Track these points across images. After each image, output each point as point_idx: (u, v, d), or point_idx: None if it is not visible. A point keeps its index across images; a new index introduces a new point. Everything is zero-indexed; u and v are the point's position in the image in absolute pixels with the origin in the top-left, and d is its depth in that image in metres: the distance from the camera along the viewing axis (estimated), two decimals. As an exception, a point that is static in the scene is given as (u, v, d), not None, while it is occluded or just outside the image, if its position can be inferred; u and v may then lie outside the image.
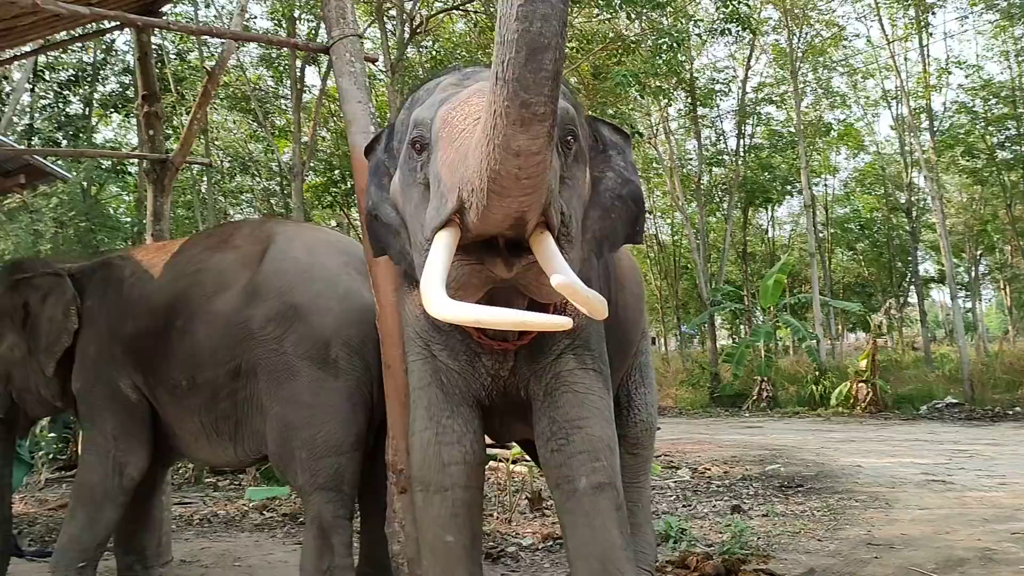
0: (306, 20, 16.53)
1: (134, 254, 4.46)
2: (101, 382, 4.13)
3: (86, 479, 4.14)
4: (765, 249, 30.46)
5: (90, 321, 4.24)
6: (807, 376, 18.80)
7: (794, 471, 8.96)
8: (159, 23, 5.11)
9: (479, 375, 2.93)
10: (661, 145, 24.30)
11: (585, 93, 18.48)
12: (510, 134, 1.89)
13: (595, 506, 2.74)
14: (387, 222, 2.75)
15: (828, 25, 23.04)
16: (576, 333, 2.81)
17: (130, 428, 4.11)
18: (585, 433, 2.79)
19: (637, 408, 3.88)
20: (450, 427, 2.93)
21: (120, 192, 22.51)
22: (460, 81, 2.50)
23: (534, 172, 1.98)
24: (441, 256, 2.15)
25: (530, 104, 1.85)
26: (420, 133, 2.41)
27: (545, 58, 1.82)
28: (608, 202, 2.70)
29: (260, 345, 3.74)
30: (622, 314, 3.39)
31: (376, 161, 2.86)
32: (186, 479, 9.27)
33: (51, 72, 18.48)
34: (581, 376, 2.83)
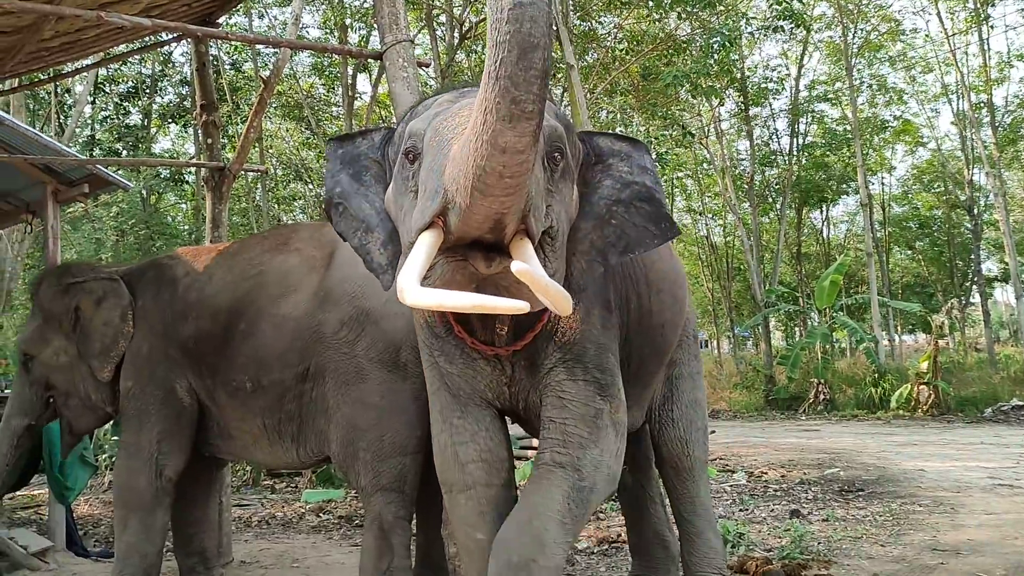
0: (357, 28, 16.71)
1: (184, 255, 4.48)
2: (155, 382, 4.15)
3: (133, 484, 4.13)
4: (820, 249, 29.95)
5: (143, 320, 4.25)
6: (865, 378, 18.40)
7: (854, 475, 8.78)
8: (218, 34, 5.21)
9: (481, 377, 2.97)
10: (712, 146, 24.04)
11: (634, 94, 18.40)
12: (498, 130, 1.96)
13: (549, 473, 2.81)
14: (356, 215, 2.78)
15: (884, 20, 22.60)
16: (567, 348, 2.86)
17: (174, 433, 4.14)
18: (560, 427, 2.85)
19: (665, 424, 3.85)
20: (462, 427, 2.98)
21: (178, 200, 23.03)
22: (456, 98, 2.54)
23: (517, 171, 2.04)
24: (421, 252, 2.21)
25: (519, 101, 1.93)
26: (413, 143, 2.47)
27: (535, 57, 1.91)
28: (603, 210, 2.71)
29: (331, 349, 3.79)
30: (656, 318, 3.38)
31: (354, 152, 2.86)
32: (244, 481, 9.41)
33: (111, 84, 19.01)
34: (569, 387, 2.86)
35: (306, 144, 22.06)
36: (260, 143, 18.71)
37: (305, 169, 22.43)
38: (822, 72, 25.13)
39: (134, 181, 15.12)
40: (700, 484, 3.89)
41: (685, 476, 3.84)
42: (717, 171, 24.34)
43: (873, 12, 22.34)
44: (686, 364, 3.94)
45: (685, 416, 3.86)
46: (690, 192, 29.09)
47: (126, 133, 19.29)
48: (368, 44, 16.45)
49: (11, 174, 7.24)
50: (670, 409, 3.86)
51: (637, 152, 2.81)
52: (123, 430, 4.28)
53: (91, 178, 6.93)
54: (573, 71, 13.02)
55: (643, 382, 3.51)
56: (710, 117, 23.25)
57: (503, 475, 3.00)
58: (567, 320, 2.84)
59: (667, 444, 3.84)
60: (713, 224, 30.26)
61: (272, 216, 21.55)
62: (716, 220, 30.10)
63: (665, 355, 3.64)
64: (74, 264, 5.24)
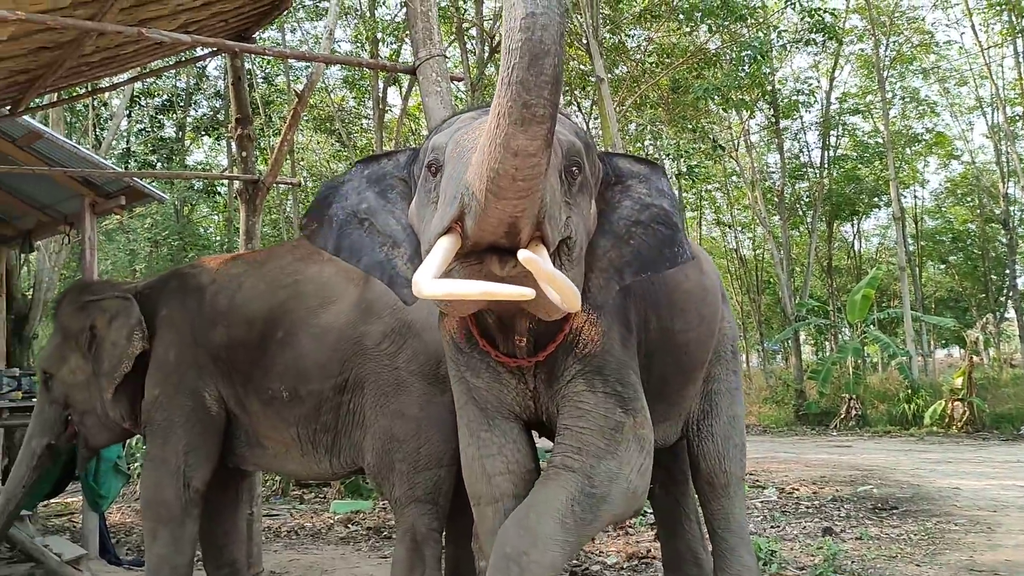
0: (388, 42, 16.85)
1: (207, 264, 4.47)
2: (183, 392, 4.12)
3: (161, 497, 4.12)
4: (851, 263, 29.63)
5: (169, 329, 4.22)
6: (898, 394, 18.12)
7: (888, 493, 8.65)
8: (254, 49, 5.28)
9: (507, 390, 3.00)
10: (742, 158, 23.92)
11: (664, 107, 18.37)
12: (511, 133, 2.03)
13: (556, 475, 2.83)
14: (383, 231, 2.82)
15: (917, 32, 22.40)
16: (587, 360, 2.89)
17: (200, 444, 4.12)
18: (576, 435, 2.86)
19: (703, 439, 3.85)
20: (489, 440, 3.02)
21: (210, 212, 23.28)
22: (478, 115, 2.59)
23: (530, 174, 2.10)
24: (438, 254, 2.26)
25: (531, 105, 2.00)
26: (435, 156, 2.53)
27: (546, 63, 1.98)
28: (622, 229, 2.76)
29: (373, 360, 3.80)
30: (680, 337, 3.41)
31: (381, 171, 2.92)
32: (273, 491, 9.47)
33: (147, 97, 19.27)
34: (587, 397, 2.88)
35: (336, 156, 22.24)
36: (292, 155, 18.90)
37: (335, 181, 22.60)
38: (853, 85, 24.95)
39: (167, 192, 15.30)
40: (735, 501, 3.87)
41: (720, 492, 3.84)
42: (747, 184, 24.20)
43: (906, 25, 22.16)
44: (724, 380, 3.93)
45: (723, 431, 3.85)
46: (719, 205, 28.92)
47: (160, 145, 19.55)
48: (399, 57, 16.57)
49: (50, 187, 7.38)
50: (708, 424, 3.85)
51: (655, 175, 2.87)
52: (149, 441, 4.26)
53: (128, 190, 7.05)
54: (603, 84, 13.03)
55: (668, 399, 3.51)
56: (740, 130, 23.14)
57: (530, 487, 3.00)
58: (587, 332, 2.87)
59: (704, 459, 3.83)
60: (742, 237, 30.06)
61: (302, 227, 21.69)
62: (745, 233, 29.90)
63: (692, 372, 3.64)
64: (94, 281, 5.28)
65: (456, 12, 14.19)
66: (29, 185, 7.56)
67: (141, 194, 7.18)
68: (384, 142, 17.07)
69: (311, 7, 18.50)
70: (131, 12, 4.70)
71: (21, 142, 6.75)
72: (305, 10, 18.48)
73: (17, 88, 5.66)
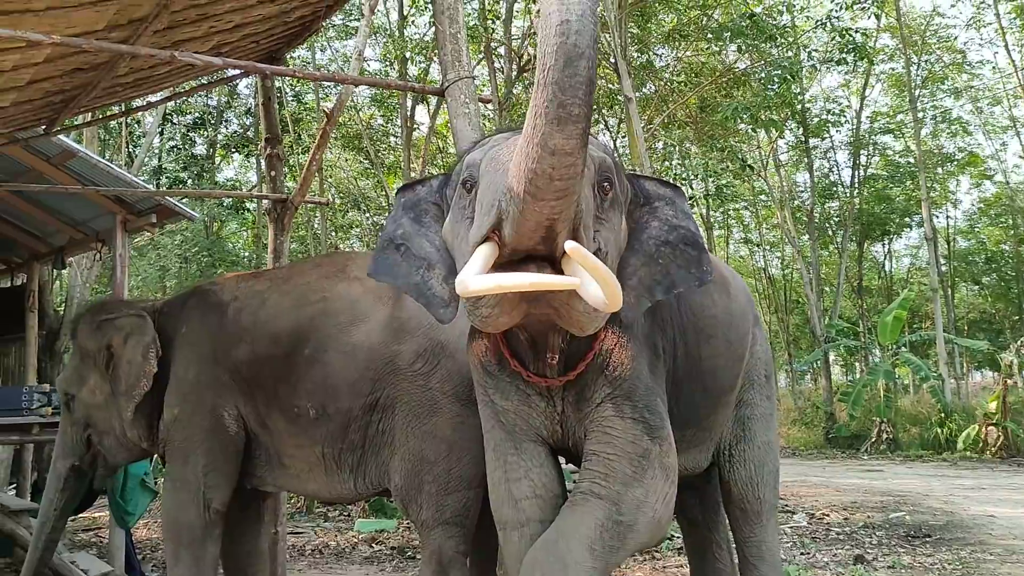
0: (417, 61, 16.96)
1: (227, 281, 4.45)
2: (202, 410, 4.08)
3: (182, 519, 4.09)
4: (882, 283, 29.30)
5: (188, 346, 4.19)
6: (931, 418, 17.84)
7: (920, 519, 8.49)
8: (286, 71, 5.32)
9: (535, 413, 3.00)
10: (771, 177, 23.78)
11: (692, 126, 18.32)
12: (548, 132, 2.09)
13: (584, 501, 2.82)
14: (417, 254, 2.89)
15: (949, 51, 22.20)
16: (617, 383, 2.89)
17: (220, 465, 4.09)
18: (604, 461, 2.86)
19: (736, 464, 3.81)
20: (516, 463, 3.02)
21: (239, 228, 23.49)
22: (510, 136, 2.64)
23: (566, 174, 2.15)
24: (478, 259, 2.32)
25: (566, 104, 2.06)
26: (470, 173, 2.60)
27: (580, 65, 2.06)
28: (652, 249, 2.82)
29: (406, 380, 3.76)
30: (706, 364, 3.40)
31: (415, 198, 3.01)
32: (297, 509, 9.47)
33: (178, 115, 19.53)
34: (616, 423, 2.88)
35: (364, 174, 22.39)
36: (320, 173, 19.04)
37: (363, 198, 22.74)
38: (884, 104, 24.74)
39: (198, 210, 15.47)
40: (768, 528, 3.83)
41: (753, 519, 3.79)
42: (776, 203, 24.04)
43: (937, 44, 21.97)
44: (758, 404, 3.90)
45: (756, 457, 3.82)
46: (747, 224, 28.75)
47: (191, 162, 19.78)
48: (428, 76, 16.67)
49: (83, 204, 7.49)
50: (741, 450, 3.82)
51: (679, 198, 2.96)
52: (169, 461, 4.23)
53: (159, 208, 7.13)
54: (631, 103, 13.01)
55: (697, 425, 3.49)
56: (769, 149, 23.01)
57: (557, 511, 2.98)
58: (618, 354, 2.88)
59: (736, 484, 3.80)
60: (770, 256, 29.84)
61: (330, 244, 21.86)
62: (774, 252, 29.69)
63: (720, 397, 3.61)
64: (110, 300, 5.29)
65: (484, 32, 14.25)
66: (62, 203, 7.67)
67: (172, 212, 7.26)
68: (412, 160, 17.14)
69: (341, 26, 18.69)
70: (164, 34, 4.75)
71: (55, 160, 6.85)
72: (335, 29, 18.66)
73: (52, 108, 5.74)
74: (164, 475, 4.44)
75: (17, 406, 6.73)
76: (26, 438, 6.78)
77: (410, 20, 17.28)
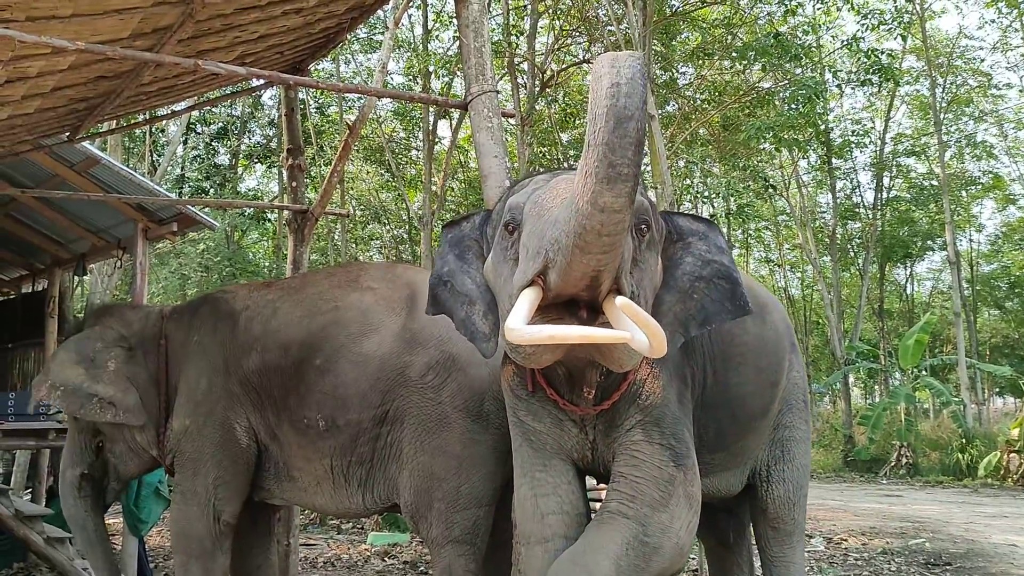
0: (440, 75, 17.02)
1: (238, 290, 4.44)
2: (213, 422, 4.05)
3: (193, 531, 4.07)
4: (903, 306, 29.03)
5: (199, 356, 4.17)
6: (952, 443, 17.58)
7: (940, 547, 8.33)
8: (308, 82, 5.33)
9: (568, 437, 3.07)
10: (792, 197, 23.64)
11: (715, 145, 18.25)
12: (598, 191, 2.17)
13: (612, 520, 2.87)
14: (460, 291, 2.97)
15: (975, 75, 22.03)
16: (648, 411, 2.96)
17: (230, 479, 4.06)
18: (631, 484, 2.91)
19: (774, 483, 3.86)
20: (543, 479, 3.08)
21: (260, 238, 23.61)
22: (551, 177, 2.75)
23: (614, 230, 2.24)
24: (524, 305, 2.40)
25: (616, 164, 2.14)
26: (513, 216, 2.67)
27: (629, 126, 2.14)
28: (686, 284, 2.90)
29: (416, 392, 3.73)
30: (735, 391, 3.45)
31: (459, 235, 3.09)
32: (311, 520, 9.45)
33: (202, 125, 19.68)
34: (644, 447, 2.95)
35: (385, 187, 22.46)
36: (341, 185, 19.12)
37: (384, 211, 22.80)
38: (908, 126, 24.58)
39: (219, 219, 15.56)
40: (797, 549, 3.87)
41: (784, 539, 3.84)
42: (797, 223, 23.89)
43: (963, 67, 21.82)
44: (798, 428, 3.95)
45: (795, 478, 3.87)
46: (768, 244, 28.59)
47: (214, 172, 19.91)
48: (451, 90, 16.72)
49: (105, 212, 7.53)
50: (780, 470, 3.86)
51: (712, 233, 3.03)
52: (178, 472, 4.21)
53: (180, 217, 7.16)
54: (653, 121, 12.96)
55: (727, 449, 3.54)
56: (791, 169, 22.89)
57: (581, 529, 3.02)
58: (650, 384, 2.95)
59: (774, 503, 3.83)
60: (791, 276, 29.65)
61: (349, 256, 21.95)
62: (794, 272, 29.50)
63: (749, 423, 3.62)
64: (112, 305, 5.29)
65: (508, 47, 14.28)
66: (85, 210, 7.73)
67: (193, 221, 7.29)
68: (433, 174, 17.18)
69: (365, 40, 18.79)
70: (189, 44, 4.78)
71: (79, 168, 6.90)
72: (359, 42, 18.77)
73: (76, 116, 5.78)
74: (174, 486, 4.41)
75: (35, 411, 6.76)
76: (43, 443, 6.81)
77: (434, 34, 17.35)
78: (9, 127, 5.49)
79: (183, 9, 4.23)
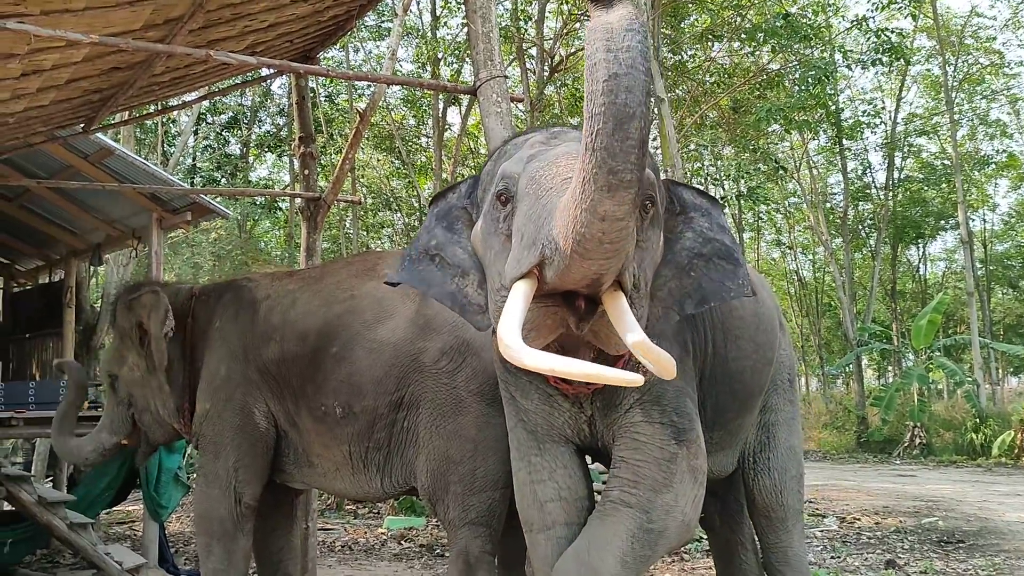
0: (449, 61, 17.02)
1: (261, 278, 4.49)
2: (232, 407, 4.11)
3: (214, 513, 4.13)
4: (916, 287, 28.91)
5: (220, 342, 4.24)
6: (965, 423, 17.56)
7: (954, 525, 8.37)
8: (320, 71, 5.36)
9: (559, 414, 2.97)
10: (803, 179, 23.55)
11: (725, 128, 18.20)
12: (597, 199, 2.00)
13: (615, 511, 2.79)
14: (452, 262, 2.81)
15: (987, 53, 21.86)
16: (646, 388, 2.83)
17: (250, 461, 4.12)
18: (632, 468, 2.83)
19: (760, 473, 3.78)
20: (540, 464, 2.99)
21: (271, 228, 23.71)
22: (548, 140, 2.59)
23: (617, 237, 2.08)
24: (518, 304, 2.24)
25: (617, 171, 1.96)
26: (506, 186, 2.49)
27: (631, 127, 1.94)
28: (685, 261, 2.75)
29: (430, 378, 3.76)
30: (733, 365, 3.37)
31: (447, 207, 2.93)
32: (328, 505, 9.54)
33: (213, 115, 19.75)
34: (644, 428, 2.86)
35: (395, 174, 22.51)
36: (352, 173, 19.17)
37: (394, 198, 22.85)
38: (919, 105, 24.43)
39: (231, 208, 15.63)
40: (793, 534, 3.79)
41: (778, 526, 3.76)
42: (808, 205, 23.81)
43: (975, 45, 21.64)
44: (781, 410, 3.86)
45: (780, 464, 3.78)
46: (779, 226, 28.50)
47: (225, 162, 19.98)
48: (460, 77, 16.72)
49: (120, 202, 7.61)
50: (766, 457, 3.78)
51: (716, 210, 2.87)
52: (200, 455, 4.31)
53: (194, 206, 7.23)
54: (663, 104, 12.96)
55: (724, 427, 3.46)
56: (802, 151, 22.80)
57: (583, 514, 2.98)
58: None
59: (760, 493, 3.76)
60: (802, 259, 29.56)
61: (361, 243, 22.02)
62: (805, 254, 29.41)
63: (747, 400, 3.57)
64: (138, 281, 5.37)
65: (517, 32, 14.28)
66: (100, 200, 7.80)
67: (207, 210, 7.36)
68: (443, 160, 17.21)
69: (373, 27, 18.80)
70: (200, 34, 4.81)
71: (93, 159, 6.97)
72: (368, 30, 18.77)
73: (90, 107, 5.83)
74: (196, 469, 4.49)
75: (55, 399, 6.84)
76: (63, 431, 6.89)
77: (442, 21, 17.35)
78: (25, 119, 5.55)
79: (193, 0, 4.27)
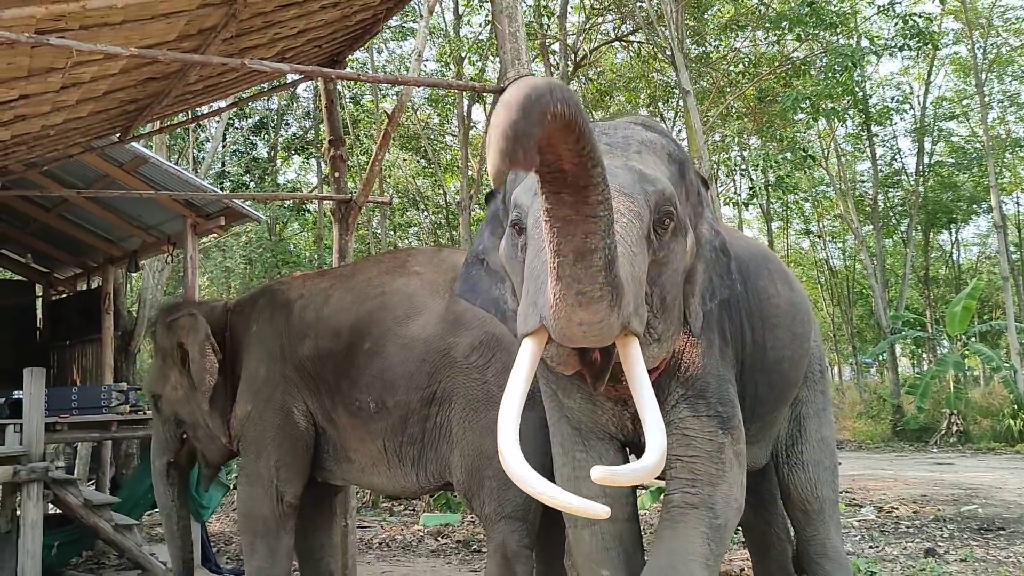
0: (473, 60, 17.07)
1: (294, 280, 4.60)
2: (272, 407, 4.21)
3: (257, 512, 4.24)
4: (949, 273, 28.53)
5: (259, 345, 4.34)
6: (1003, 409, 17.32)
7: (994, 513, 8.29)
8: (350, 75, 5.44)
9: (602, 411, 2.96)
10: (831, 167, 23.32)
11: (751, 117, 18.09)
12: (571, 311, 2.01)
13: (683, 515, 2.79)
14: (495, 268, 2.80)
15: (1016, 33, 21.52)
16: (690, 383, 2.85)
17: (291, 460, 4.21)
18: (688, 466, 2.83)
19: (794, 468, 3.78)
20: (584, 461, 2.97)
21: (301, 230, 23.90)
22: None
23: (598, 332, 2.07)
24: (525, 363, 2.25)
25: (585, 292, 1.97)
26: (518, 216, 2.46)
27: (594, 259, 1.93)
28: (709, 254, 2.72)
29: (461, 373, 3.81)
30: (772, 354, 3.35)
31: (495, 208, 2.88)
32: (364, 503, 9.64)
33: (240, 120, 19.94)
34: (692, 423, 2.85)
35: (422, 173, 22.61)
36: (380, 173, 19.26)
37: (421, 197, 22.95)
38: (948, 89, 24.08)
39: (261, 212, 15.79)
40: (830, 526, 3.79)
41: (815, 518, 3.75)
42: (837, 193, 23.59)
43: (1004, 26, 21.31)
44: (812, 402, 3.84)
45: (812, 457, 3.77)
46: (808, 215, 28.25)
47: (253, 165, 20.17)
48: (483, 74, 16.76)
49: (155, 209, 7.75)
50: (799, 451, 3.77)
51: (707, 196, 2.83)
52: (243, 456, 4.40)
53: (227, 211, 7.34)
54: (688, 96, 12.93)
55: (761, 419, 3.45)
56: (829, 138, 22.58)
57: (627, 509, 3.00)
58: (689, 355, 2.85)
59: (795, 487, 3.76)
60: (832, 248, 29.26)
61: (389, 243, 22.15)
62: (835, 243, 29.11)
63: (784, 392, 3.56)
64: (177, 302, 5.52)
65: (540, 29, 14.29)
66: (135, 207, 7.95)
67: (239, 215, 7.47)
68: (469, 159, 17.26)
69: (396, 28, 18.88)
70: (232, 42, 4.90)
71: (128, 167, 7.10)
72: (391, 31, 18.86)
73: (126, 117, 5.95)
74: (238, 470, 4.58)
75: (97, 404, 7.00)
76: (105, 435, 7.07)
77: (465, 19, 17.40)
78: (64, 131, 5.67)
79: (226, 9, 4.35)
